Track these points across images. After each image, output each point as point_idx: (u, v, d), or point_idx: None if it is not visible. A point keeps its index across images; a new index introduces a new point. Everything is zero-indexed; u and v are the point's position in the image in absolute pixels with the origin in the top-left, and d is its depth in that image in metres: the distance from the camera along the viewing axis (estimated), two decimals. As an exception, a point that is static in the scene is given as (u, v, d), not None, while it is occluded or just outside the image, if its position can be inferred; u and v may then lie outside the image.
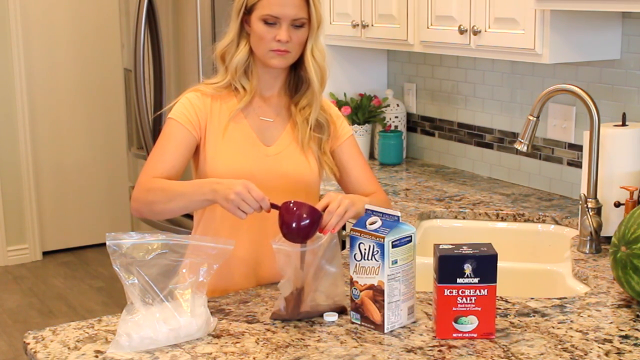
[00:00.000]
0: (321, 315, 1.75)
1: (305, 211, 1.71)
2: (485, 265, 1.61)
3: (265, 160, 1.98)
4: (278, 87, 2.04)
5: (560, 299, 1.87)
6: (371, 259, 1.66)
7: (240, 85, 1.99)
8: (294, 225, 1.70)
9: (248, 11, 1.94)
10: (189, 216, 3.43)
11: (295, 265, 1.73)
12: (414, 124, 3.47)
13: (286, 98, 2.05)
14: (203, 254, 1.69)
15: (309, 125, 2.00)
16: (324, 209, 1.76)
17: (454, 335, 1.64)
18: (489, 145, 3.09)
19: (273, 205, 1.75)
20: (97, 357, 1.58)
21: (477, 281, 1.61)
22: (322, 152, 2.04)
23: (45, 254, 5.47)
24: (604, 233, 2.21)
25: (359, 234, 1.68)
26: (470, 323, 1.63)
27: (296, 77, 2.03)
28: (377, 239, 1.65)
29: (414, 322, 1.73)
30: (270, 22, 1.91)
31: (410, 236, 1.69)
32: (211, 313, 1.71)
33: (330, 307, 1.76)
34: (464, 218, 2.62)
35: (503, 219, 2.58)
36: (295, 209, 1.71)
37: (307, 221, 1.70)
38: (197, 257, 1.69)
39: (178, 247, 1.67)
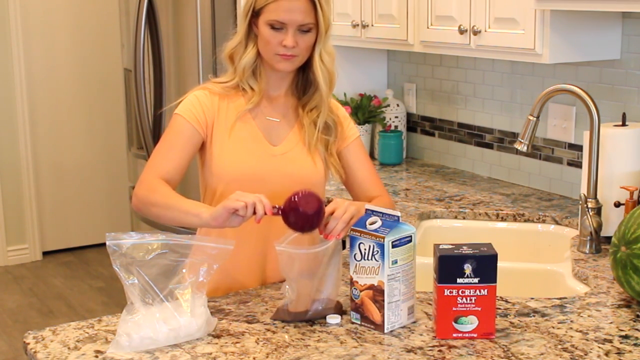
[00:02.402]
0: (323, 317, 1.75)
1: (315, 198, 1.73)
2: (485, 265, 1.61)
3: (272, 160, 1.98)
4: (285, 87, 2.03)
5: (560, 299, 1.87)
6: (371, 259, 1.66)
7: (249, 86, 1.99)
8: (302, 210, 1.71)
9: (256, 14, 1.94)
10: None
11: (299, 270, 1.72)
12: (414, 124, 3.47)
13: (294, 99, 2.05)
14: (203, 254, 1.69)
15: (316, 128, 2.00)
16: (330, 215, 1.76)
17: (454, 335, 1.64)
18: (489, 145, 3.09)
19: (274, 207, 1.75)
20: (97, 357, 1.58)
21: (477, 281, 1.61)
22: (329, 154, 2.03)
23: (45, 254, 5.47)
24: (604, 233, 2.21)
25: (359, 234, 1.68)
26: (470, 323, 1.63)
27: (304, 79, 2.02)
28: (377, 239, 1.65)
29: (414, 322, 1.73)
30: (277, 27, 1.90)
31: (410, 236, 1.69)
32: (211, 313, 1.71)
33: (330, 308, 1.76)
34: (464, 218, 2.62)
35: (503, 219, 2.58)
36: (304, 197, 1.72)
37: (316, 208, 1.72)
38: (197, 257, 1.69)
39: (178, 247, 1.67)
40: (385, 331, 1.67)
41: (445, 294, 1.62)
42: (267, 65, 1.98)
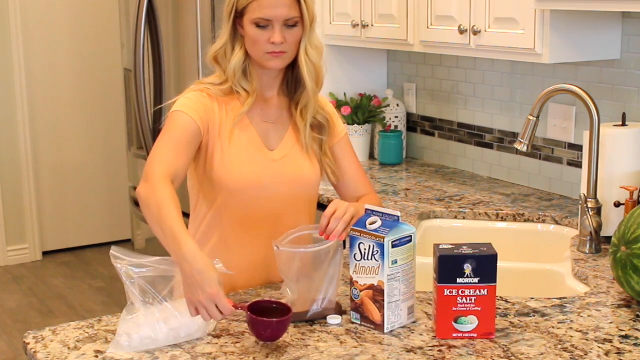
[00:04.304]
0: (323, 318, 1.74)
1: (270, 324, 1.60)
2: (485, 265, 1.61)
3: (272, 165, 1.96)
4: (277, 87, 2.01)
5: (560, 299, 1.87)
6: (371, 259, 1.66)
7: (242, 88, 1.95)
8: (263, 335, 1.61)
9: (239, 14, 1.91)
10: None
11: (299, 270, 1.72)
12: (414, 124, 3.47)
13: (286, 99, 2.03)
14: None
15: (306, 126, 1.99)
16: (331, 216, 1.75)
17: (454, 335, 1.64)
18: (489, 145, 3.09)
19: (236, 307, 1.65)
20: (97, 357, 1.58)
21: (477, 281, 1.61)
22: (323, 153, 2.02)
23: (45, 254, 5.47)
24: (604, 233, 2.21)
25: (359, 234, 1.68)
26: (470, 323, 1.63)
27: (294, 77, 2.00)
28: (377, 239, 1.65)
29: (414, 322, 1.73)
30: (263, 25, 1.87)
31: (410, 236, 1.69)
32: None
33: (331, 309, 1.76)
34: (464, 218, 2.62)
35: (503, 219, 2.58)
36: (259, 322, 1.60)
37: (270, 331, 1.61)
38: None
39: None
40: (385, 331, 1.67)
41: (445, 294, 1.62)
42: (257, 65, 1.95)
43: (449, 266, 1.61)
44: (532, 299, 1.86)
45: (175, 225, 1.67)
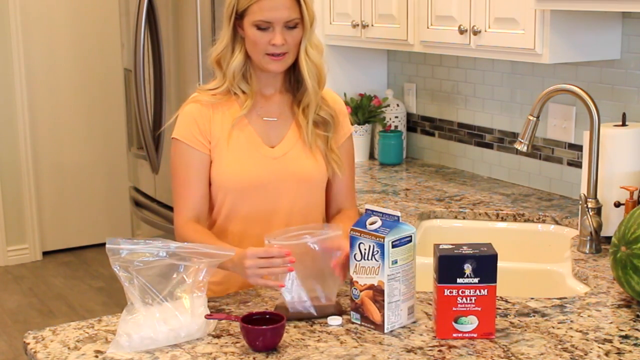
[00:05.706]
0: (323, 317, 1.74)
1: (263, 332, 1.60)
2: (485, 265, 1.61)
3: (272, 163, 1.96)
4: (278, 85, 2.01)
5: (560, 299, 1.87)
6: (371, 259, 1.66)
7: (240, 90, 1.96)
8: (257, 344, 1.61)
9: (239, 16, 1.91)
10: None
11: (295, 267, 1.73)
12: (414, 124, 3.47)
13: (288, 95, 2.02)
14: (203, 256, 1.69)
15: (309, 124, 1.99)
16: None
17: (454, 335, 1.64)
18: (489, 145, 3.09)
19: (229, 318, 1.70)
20: (97, 357, 1.59)
21: (477, 281, 1.61)
22: (329, 149, 2.01)
23: (45, 254, 5.47)
24: (604, 233, 2.21)
25: (359, 234, 1.68)
26: (470, 323, 1.63)
27: (295, 77, 2.00)
28: (377, 239, 1.65)
29: (414, 322, 1.73)
30: (263, 27, 1.87)
31: (410, 236, 1.69)
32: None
33: (330, 307, 1.76)
34: (464, 218, 2.62)
35: (503, 219, 2.58)
36: (252, 330, 1.60)
37: (262, 339, 1.61)
38: (196, 262, 1.68)
39: (177, 253, 1.67)
40: (385, 331, 1.67)
41: (445, 294, 1.62)
42: (257, 66, 1.95)
43: (449, 266, 1.61)
44: (532, 299, 1.86)
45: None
